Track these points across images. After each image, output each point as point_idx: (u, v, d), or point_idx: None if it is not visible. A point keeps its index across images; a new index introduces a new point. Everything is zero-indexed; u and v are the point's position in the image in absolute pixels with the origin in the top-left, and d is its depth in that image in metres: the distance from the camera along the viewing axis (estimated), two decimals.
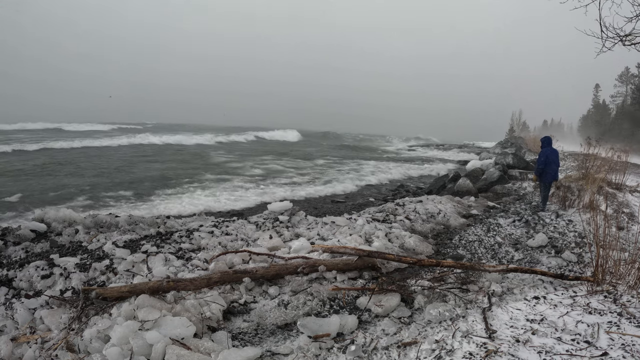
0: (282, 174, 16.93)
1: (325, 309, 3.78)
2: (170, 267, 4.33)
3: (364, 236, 5.83)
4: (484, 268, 4.25)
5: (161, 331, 2.89)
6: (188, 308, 3.34)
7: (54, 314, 3.36)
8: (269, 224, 6.14)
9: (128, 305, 3.28)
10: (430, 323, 3.29)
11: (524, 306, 3.45)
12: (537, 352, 2.61)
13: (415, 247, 5.78)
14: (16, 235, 5.25)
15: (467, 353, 2.66)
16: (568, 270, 4.85)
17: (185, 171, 16.28)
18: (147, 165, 17.50)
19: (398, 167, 22.02)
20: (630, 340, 2.70)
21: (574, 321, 3.05)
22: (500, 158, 17.86)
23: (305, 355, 2.91)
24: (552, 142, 8.21)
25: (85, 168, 15.88)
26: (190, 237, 5.34)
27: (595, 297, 3.52)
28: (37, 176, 13.72)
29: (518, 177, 13.62)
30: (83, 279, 4.06)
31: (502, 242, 6.28)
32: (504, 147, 29.58)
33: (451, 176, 13.01)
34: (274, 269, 4.20)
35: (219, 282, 3.93)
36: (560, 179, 9.54)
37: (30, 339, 3.11)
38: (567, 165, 16.09)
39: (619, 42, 3.89)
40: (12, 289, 3.98)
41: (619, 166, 10.90)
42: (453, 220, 7.42)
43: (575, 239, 6.13)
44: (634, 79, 45.26)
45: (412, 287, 4.03)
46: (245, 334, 3.36)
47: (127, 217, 6.02)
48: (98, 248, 4.92)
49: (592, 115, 52.96)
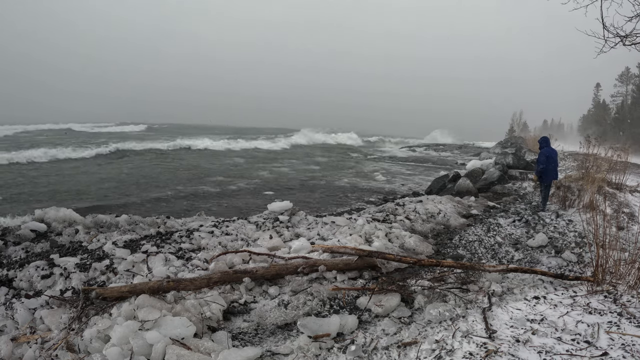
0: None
1: (325, 309, 3.78)
2: (171, 267, 4.33)
3: (364, 236, 5.83)
4: (484, 268, 4.25)
5: (161, 331, 2.89)
6: (188, 308, 3.34)
7: (54, 314, 3.36)
8: (269, 224, 6.14)
9: (128, 305, 3.28)
10: (430, 323, 3.29)
11: (524, 306, 3.45)
12: (537, 352, 2.61)
13: (416, 247, 5.78)
14: (16, 235, 5.25)
15: (467, 353, 2.66)
16: (568, 270, 4.85)
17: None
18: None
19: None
20: (631, 340, 2.70)
21: (574, 321, 3.05)
22: (500, 158, 17.83)
23: (305, 355, 2.91)
24: (550, 142, 8.24)
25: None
26: (190, 237, 5.34)
27: (595, 297, 3.52)
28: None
29: (518, 177, 13.61)
30: (83, 279, 4.06)
31: (502, 242, 6.28)
32: (504, 147, 29.56)
33: (451, 176, 13.01)
34: (274, 269, 4.20)
35: (219, 282, 3.93)
36: (560, 179, 9.54)
37: (30, 339, 3.11)
38: (567, 165, 16.09)
39: (620, 42, 3.89)
40: (12, 289, 3.98)
41: (619, 166, 10.90)
42: (453, 220, 7.42)
43: (575, 238, 6.13)
44: (634, 79, 45.22)
45: (412, 287, 4.03)
46: (245, 334, 3.36)
47: (127, 217, 6.02)
48: (98, 248, 4.92)
49: (593, 115, 52.93)
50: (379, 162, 25.70)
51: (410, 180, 17.23)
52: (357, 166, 22.15)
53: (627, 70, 47.18)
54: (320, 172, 18.74)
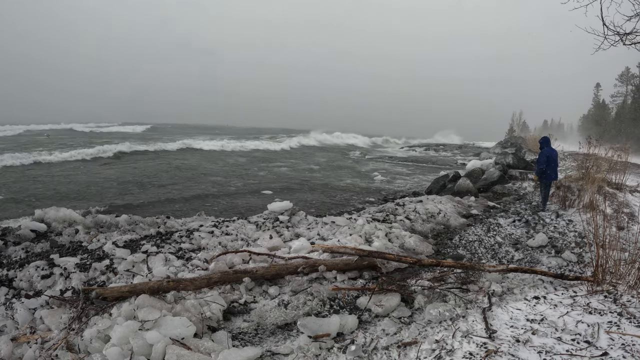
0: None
1: (325, 309, 3.78)
2: (171, 267, 4.33)
3: (364, 236, 5.83)
4: (484, 268, 4.25)
5: (161, 331, 2.89)
6: (188, 308, 3.34)
7: (54, 314, 3.36)
8: (269, 224, 6.14)
9: (128, 305, 3.28)
10: (430, 323, 3.29)
11: (524, 306, 3.45)
12: (537, 352, 2.61)
13: (416, 247, 5.78)
14: (16, 235, 5.25)
15: (467, 353, 2.66)
16: (568, 270, 4.85)
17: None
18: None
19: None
20: (631, 340, 2.70)
21: (574, 321, 3.05)
22: (500, 158, 17.83)
23: (305, 355, 2.91)
24: (550, 142, 8.25)
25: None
26: (190, 237, 5.34)
27: (596, 297, 3.52)
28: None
29: (518, 177, 13.60)
30: (83, 279, 4.06)
31: (502, 242, 6.28)
32: (504, 147, 29.57)
33: (451, 176, 13.01)
34: (274, 269, 4.20)
35: (219, 282, 3.93)
36: (560, 179, 9.54)
37: (30, 339, 3.11)
38: (567, 165, 16.08)
39: (619, 41, 3.88)
40: (12, 289, 3.98)
41: (619, 166, 10.90)
42: (453, 220, 7.42)
43: (575, 238, 6.13)
44: (634, 79, 45.21)
45: (412, 287, 4.03)
46: (245, 334, 3.36)
47: (127, 217, 6.02)
48: (98, 248, 4.92)
49: (593, 115, 52.89)
50: (379, 162, 25.70)
51: (410, 180, 17.24)
52: (357, 166, 22.15)
53: (627, 70, 47.18)
54: (320, 172, 18.74)
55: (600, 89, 53.46)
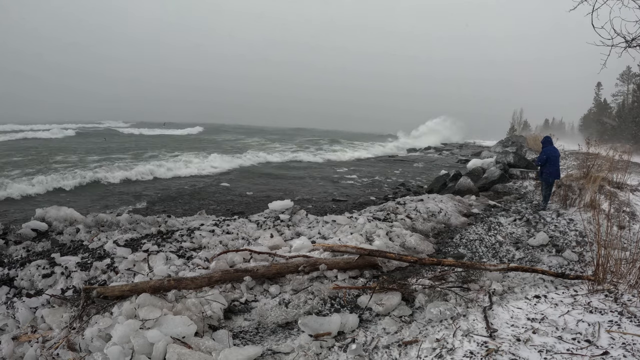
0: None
1: (326, 307, 3.79)
2: (171, 266, 4.33)
3: (365, 235, 5.83)
4: (485, 267, 4.25)
5: (162, 330, 2.89)
6: (189, 307, 3.35)
7: (55, 313, 3.37)
8: (270, 223, 6.14)
9: (129, 304, 3.29)
10: (431, 322, 3.29)
11: (525, 305, 3.44)
12: (538, 351, 2.61)
13: (416, 245, 5.78)
14: (17, 234, 5.26)
15: (468, 352, 2.66)
16: (569, 269, 4.85)
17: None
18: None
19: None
20: (631, 340, 2.69)
21: (575, 320, 3.05)
22: (501, 157, 17.79)
23: (306, 354, 2.91)
24: (552, 141, 8.25)
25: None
26: (191, 235, 5.34)
27: (596, 296, 3.52)
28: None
29: (519, 176, 13.57)
30: (84, 277, 4.07)
31: (503, 241, 6.27)
32: (505, 145, 29.50)
33: (452, 175, 13.00)
34: (275, 267, 4.20)
35: (220, 280, 3.94)
36: (561, 178, 9.52)
37: (31, 338, 3.12)
38: (568, 164, 16.05)
39: (627, 46, 3.87)
40: (14, 288, 3.99)
41: (620, 165, 10.88)
42: (454, 219, 7.42)
43: (576, 237, 6.12)
44: (635, 78, 45.10)
45: (413, 285, 4.03)
46: (246, 333, 3.36)
47: (127, 216, 6.03)
48: (99, 247, 4.92)
49: (594, 115, 52.78)
50: (379, 161, 25.68)
51: (410, 178, 17.22)
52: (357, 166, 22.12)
53: (629, 70, 47.07)
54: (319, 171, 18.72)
55: (601, 88, 53.35)
